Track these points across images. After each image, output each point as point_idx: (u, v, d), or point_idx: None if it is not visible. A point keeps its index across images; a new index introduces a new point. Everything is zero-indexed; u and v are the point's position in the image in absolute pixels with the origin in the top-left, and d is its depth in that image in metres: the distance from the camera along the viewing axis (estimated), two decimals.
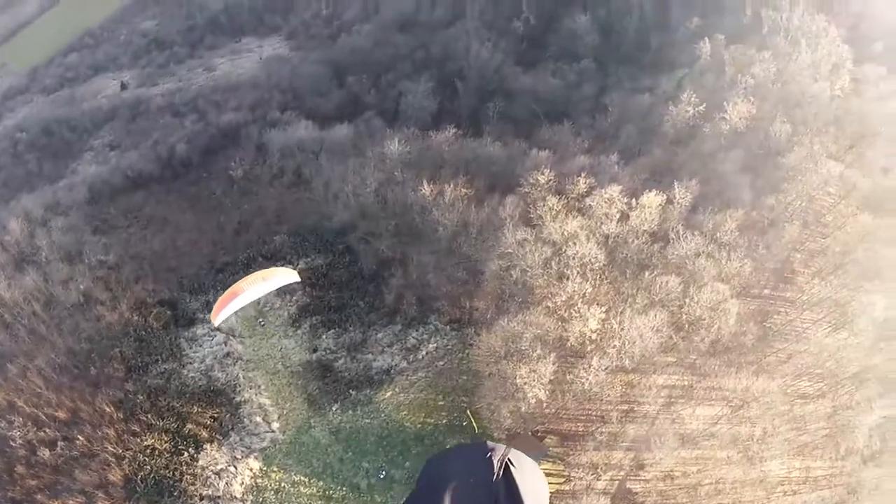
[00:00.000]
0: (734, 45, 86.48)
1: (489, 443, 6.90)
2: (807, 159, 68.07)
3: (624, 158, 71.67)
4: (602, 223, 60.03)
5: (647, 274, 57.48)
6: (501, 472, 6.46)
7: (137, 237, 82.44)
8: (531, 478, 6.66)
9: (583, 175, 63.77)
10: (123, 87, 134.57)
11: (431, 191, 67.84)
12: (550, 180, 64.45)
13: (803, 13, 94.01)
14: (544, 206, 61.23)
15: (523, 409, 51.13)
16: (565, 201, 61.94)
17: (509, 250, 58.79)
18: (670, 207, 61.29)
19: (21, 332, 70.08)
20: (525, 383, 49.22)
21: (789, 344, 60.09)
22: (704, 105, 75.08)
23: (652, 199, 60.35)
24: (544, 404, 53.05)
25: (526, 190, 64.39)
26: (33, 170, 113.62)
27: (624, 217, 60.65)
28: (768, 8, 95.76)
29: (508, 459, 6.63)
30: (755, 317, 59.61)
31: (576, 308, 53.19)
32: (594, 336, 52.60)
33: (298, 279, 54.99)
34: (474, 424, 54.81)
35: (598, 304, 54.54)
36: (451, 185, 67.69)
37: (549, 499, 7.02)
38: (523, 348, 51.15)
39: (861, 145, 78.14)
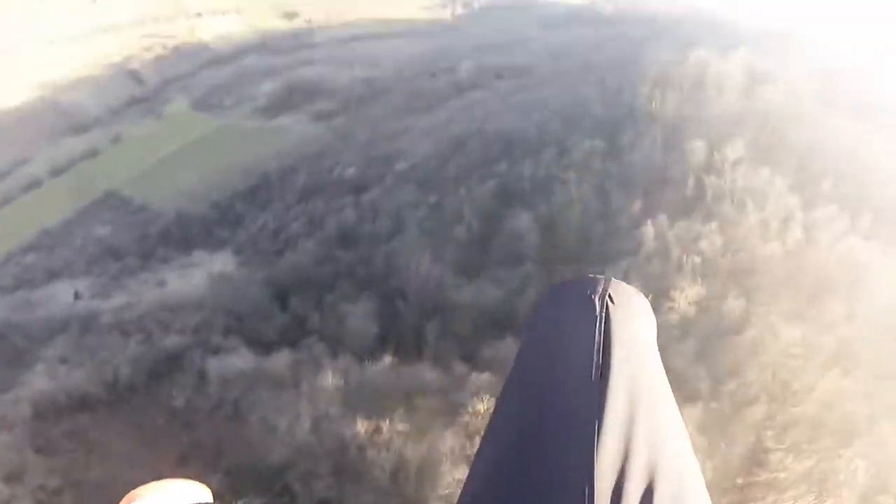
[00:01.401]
0: (679, 222, 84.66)
1: (591, 276, 4.67)
2: (765, 331, 64.83)
3: None
4: None
5: None
6: (603, 312, 4.27)
7: (80, 463, 77.69)
8: (630, 320, 4.49)
9: None
10: (77, 297, 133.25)
11: (366, 428, 65.13)
12: (489, 409, 61.15)
13: (746, 171, 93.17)
14: None
15: None
16: None
17: (447, 490, 55.51)
18: None
19: None
20: None
21: None
22: (651, 295, 72.08)
23: None
24: None
25: (466, 419, 61.59)
26: None
27: None
28: (711, 174, 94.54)
29: (609, 295, 4.42)
30: None
31: None
32: None
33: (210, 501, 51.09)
34: None
35: None
36: (388, 421, 65.03)
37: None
38: None
39: (820, 299, 73.91)
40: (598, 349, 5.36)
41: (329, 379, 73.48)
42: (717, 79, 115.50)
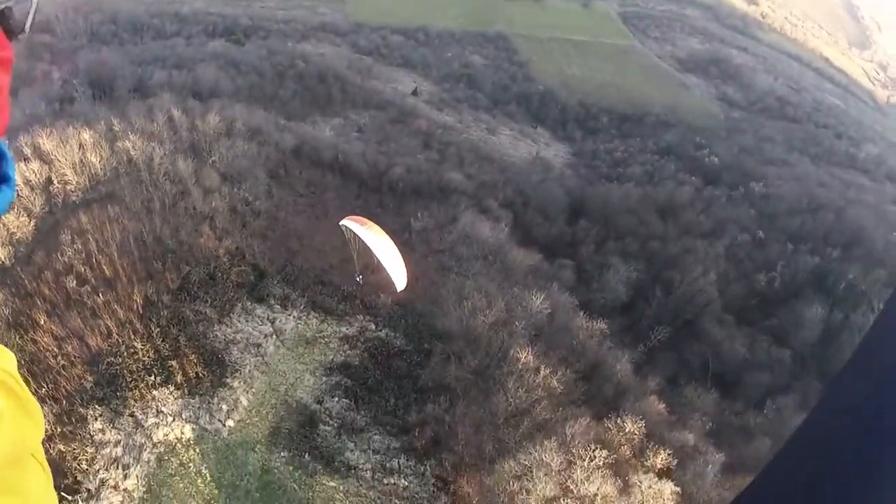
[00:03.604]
0: None
1: None
2: None
3: None
4: None
5: None
6: None
7: (307, 213, 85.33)
8: None
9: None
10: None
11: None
12: None
13: None
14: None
15: None
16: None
17: (527, 463, 54.01)
18: None
19: (140, 197, 74.44)
20: None
21: None
22: None
23: None
24: None
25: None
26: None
27: None
28: None
29: None
30: None
31: None
32: None
33: (401, 286, 52.02)
34: None
35: None
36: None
37: None
38: None
39: None
40: None
41: (537, 303, 72.86)
42: None
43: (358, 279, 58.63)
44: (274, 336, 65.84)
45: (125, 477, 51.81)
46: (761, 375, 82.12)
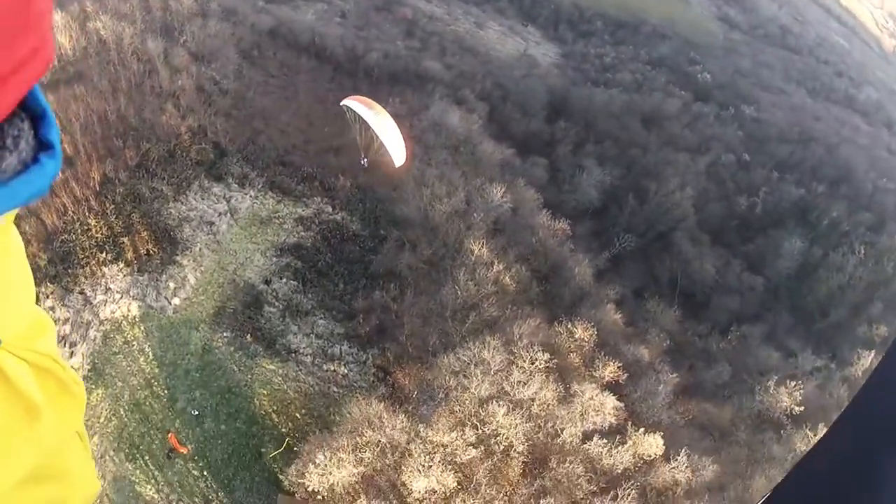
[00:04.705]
0: None
1: None
2: None
3: None
4: None
5: None
6: None
7: (276, 94, 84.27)
8: None
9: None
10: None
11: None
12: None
13: None
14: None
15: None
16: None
17: (465, 360, 53.72)
18: None
19: (107, 76, 73.59)
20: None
21: None
22: None
23: None
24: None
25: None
26: None
27: None
28: None
29: None
30: None
31: None
32: None
33: (400, 162, 51.24)
34: (276, 454, 51.50)
35: None
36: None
37: None
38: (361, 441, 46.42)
39: None
40: None
41: (497, 195, 72.46)
42: None
43: (363, 163, 57.30)
44: (228, 215, 66.22)
45: (71, 355, 52.95)
46: (730, 300, 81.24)
